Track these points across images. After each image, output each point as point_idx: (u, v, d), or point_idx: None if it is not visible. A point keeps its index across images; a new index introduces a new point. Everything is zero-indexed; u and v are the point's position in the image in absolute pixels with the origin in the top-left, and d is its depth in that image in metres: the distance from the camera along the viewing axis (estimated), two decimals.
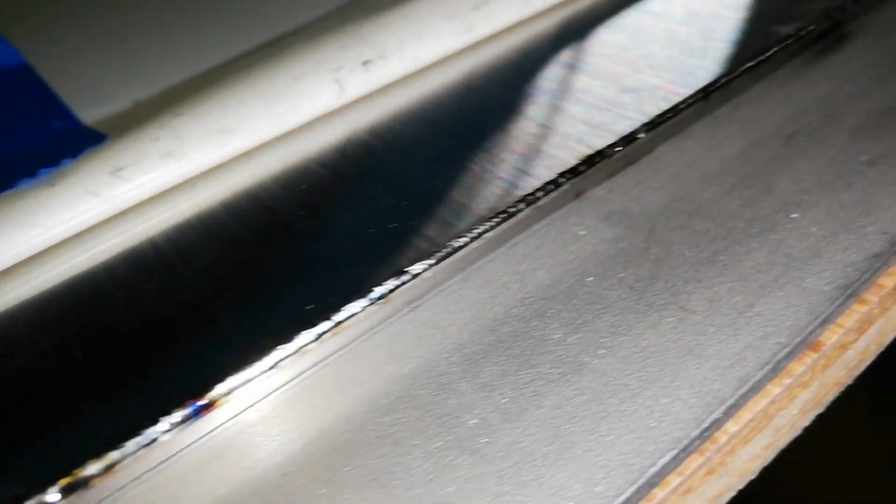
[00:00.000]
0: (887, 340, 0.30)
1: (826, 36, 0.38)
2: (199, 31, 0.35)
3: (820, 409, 0.28)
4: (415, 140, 0.30)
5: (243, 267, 0.26)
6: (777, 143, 0.33)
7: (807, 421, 0.28)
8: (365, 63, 0.32)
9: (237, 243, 0.27)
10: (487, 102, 0.31)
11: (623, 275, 0.28)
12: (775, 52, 0.30)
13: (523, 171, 0.27)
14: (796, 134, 0.33)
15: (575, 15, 0.36)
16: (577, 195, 0.32)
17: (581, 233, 0.30)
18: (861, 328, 0.27)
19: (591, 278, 0.28)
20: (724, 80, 0.29)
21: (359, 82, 0.32)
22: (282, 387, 0.24)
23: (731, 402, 0.23)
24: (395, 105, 0.32)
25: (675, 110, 0.28)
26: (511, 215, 0.26)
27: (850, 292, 0.26)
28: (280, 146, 0.31)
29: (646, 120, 0.28)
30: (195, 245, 0.27)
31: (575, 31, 0.35)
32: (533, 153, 0.28)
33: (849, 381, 0.29)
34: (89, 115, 0.33)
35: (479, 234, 0.25)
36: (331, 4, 0.34)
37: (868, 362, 0.29)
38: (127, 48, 0.36)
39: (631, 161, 0.33)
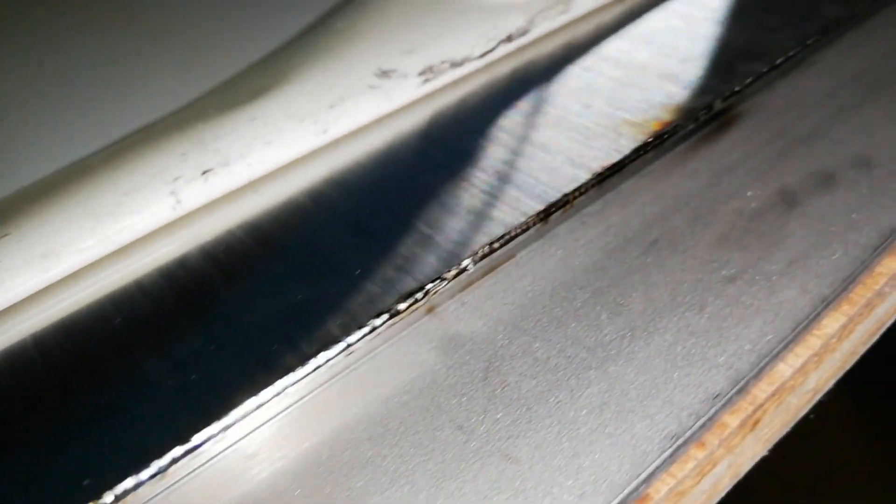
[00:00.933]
0: (742, 472, 0.28)
1: (713, 120, 0.37)
2: (41, 134, 0.34)
3: None
4: (246, 264, 0.28)
5: (37, 422, 0.24)
6: (638, 251, 0.31)
7: None
8: (205, 173, 0.30)
9: (39, 390, 0.25)
10: (333, 217, 0.30)
11: (455, 411, 0.26)
12: (626, 164, 0.29)
13: (348, 314, 0.26)
14: (659, 240, 0.31)
15: (443, 111, 0.34)
16: (430, 310, 0.30)
17: (424, 357, 0.28)
18: (701, 471, 0.26)
19: (423, 415, 0.26)
20: (562, 202, 0.28)
21: (197, 193, 0.30)
22: None
23: None
24: (235, 218, 0.30)
25: (504, 238, 0.27)
26: (327, 359, 0.24)
27: (682, 441, 0.24)
28: (106, 266, 0.29)
29: (474, 250, 0.26)
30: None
31: (442, 130, 0.33)
32: (369, 285, 0.27)
33: None
34: None
35: (282, 390, 0.23)
36: (171, 106, 0.33)
37: (721, 494, 0.28)
38: None
39: (489, 270, 0.31)
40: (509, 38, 0.37)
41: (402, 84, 0.34)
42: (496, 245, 0.27)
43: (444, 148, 0.32)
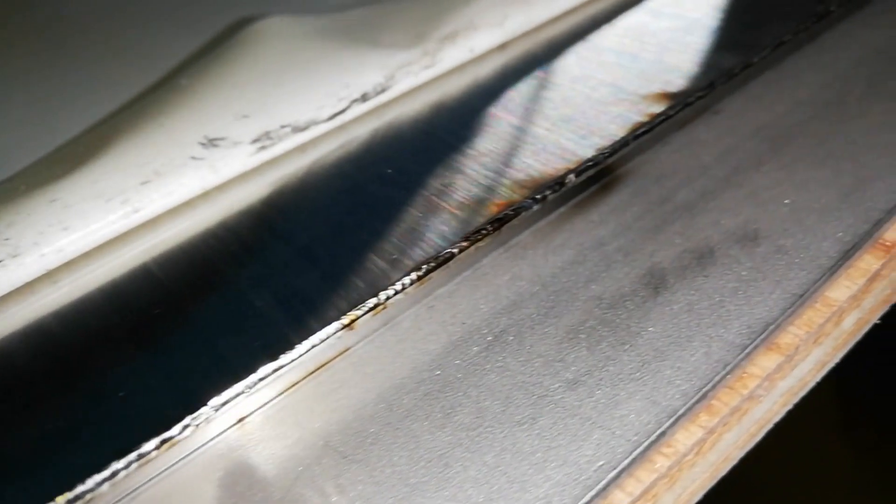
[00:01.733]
0: None
1: (593, 182, 0.33)
2: None
3: None
4: (14, 381, 0.25)
5: None
6: (480, 346, 0.27)
7: None
8: None
9: None
10: (119, 321, 0.26)
11: None
12: (454, 256, 0.25)
13: (91, 453, 0.22)
14: (506, 332, 0.28)
15: (286, 181, 0.31)
16: (240, 420, 0.27)
17: (210, 492, 0.24)
18: None
19: None
20: (374, 305, 0.24)
21: None
22: None
23: None
24: (19, 319, 0.27)
25: (298, 357, 0.23)
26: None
27: None
28: None
29: (257, 368, 0.23)
30: None
31: (275, 209, 0.30)
32: (130, 414, 0.23)
33: None
34: None
35: None
36: None
37: None
38: None
39: (317, 367, 0.28)
40: (364, 98, 0.33)
41: (232, 153, 0.31)
42: (285, 366, 0.23)
43: (270, 230, 0.29)
